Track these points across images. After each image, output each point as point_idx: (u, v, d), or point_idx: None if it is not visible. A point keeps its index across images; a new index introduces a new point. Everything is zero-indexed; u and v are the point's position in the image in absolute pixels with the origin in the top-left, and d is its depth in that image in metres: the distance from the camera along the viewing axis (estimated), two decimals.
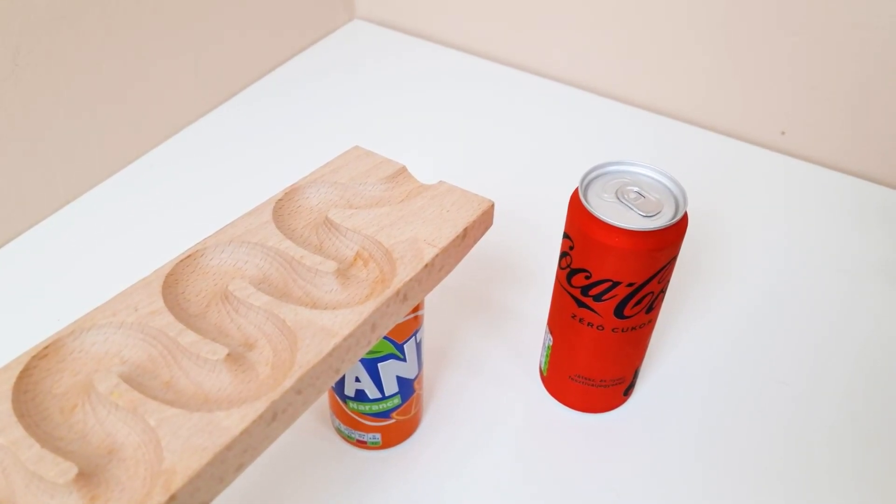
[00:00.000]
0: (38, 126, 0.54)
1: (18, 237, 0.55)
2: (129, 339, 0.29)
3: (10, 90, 0.51)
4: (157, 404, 0.26)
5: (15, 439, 0.25)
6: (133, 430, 0.26)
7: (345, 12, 0.81)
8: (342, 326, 0.30)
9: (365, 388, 0.39)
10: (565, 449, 0.43)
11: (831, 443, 0.44)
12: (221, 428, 0.26)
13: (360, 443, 0.42)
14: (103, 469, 0.25)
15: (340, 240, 0.35)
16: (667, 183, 0.38)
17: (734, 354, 0.48)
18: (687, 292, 0.52)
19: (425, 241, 0.34)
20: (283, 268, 0.33)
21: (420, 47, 0.78)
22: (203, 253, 0.33)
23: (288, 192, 0.36)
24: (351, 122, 0.67)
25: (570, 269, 0.39)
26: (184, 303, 0.31)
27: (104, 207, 0.58)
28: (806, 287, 0.53)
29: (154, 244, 0.54)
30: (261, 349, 0.30)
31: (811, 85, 0.62)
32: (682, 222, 0.37)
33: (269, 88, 0.71)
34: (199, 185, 0.60)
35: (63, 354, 0.28)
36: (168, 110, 0.64)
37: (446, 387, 0.46)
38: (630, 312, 0.39)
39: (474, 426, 0.44)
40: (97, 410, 0.27)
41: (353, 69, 0.75)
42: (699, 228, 0.57)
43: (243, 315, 0.31)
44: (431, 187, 0.38)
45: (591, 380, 0.43)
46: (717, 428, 0.44)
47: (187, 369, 0.28)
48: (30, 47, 0.51)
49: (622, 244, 0.36)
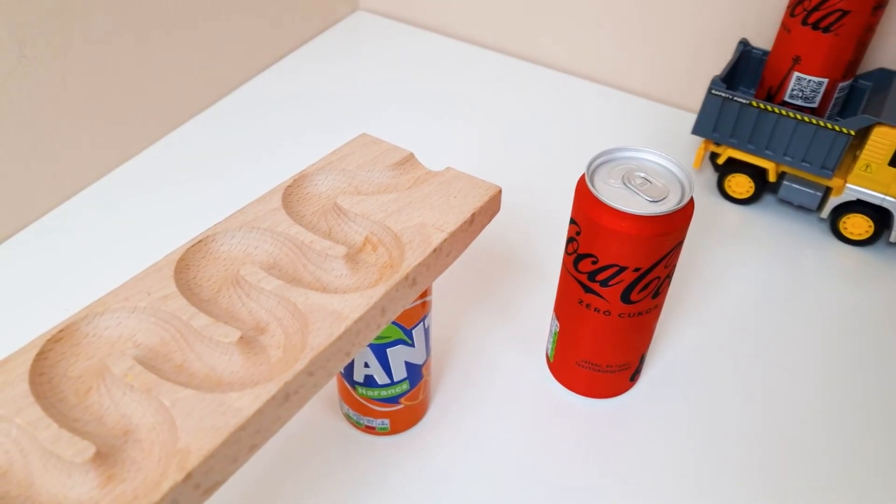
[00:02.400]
0: (45, 117, 0.54)
1: (26, 228, 0.55)
2: (142, 323, 0.29)
3: (17, 82, 0.51)
4: (171, 386, 0.26)
5: (33, 420, 0.25)
6: (147, 411, 0.26)
7: (348, 3, 0.81)
8: (352, 310, 0.30)
9: (374, 374, 0.39)
10: (572, 434, 0.43)
11: (837, 429, 0.44)
12: (234, 409, 0.26)
13: (369, 428, 0.42)
14: (119, 449, 0.25)
15: (349, 225, 0.35)
16: (673, 168, 0.38)
17: (740, 340, 0.49)
18: (693, 278, 0.53)
19: (433, 226, 0.34)
20: (292, 253, 0.33)
21: (422, 37, 0.78)
22: (214, 238, 0.33)
23: (297, 179, 0.37)
24: (355, 111, 0.68)
25: (577, 254, 0.39)
26: (195, 287, 0.31)
27: (112, 197, 0.58)
28: (811, 274, 0.53)
29: (163, 232, 0.55)
30: (272, 332, 0.30)
31: None
32: (689, 207, 0.37)
33: (274, 78, 0.72)
34: (206, 173, 0.60)
35: (77, 338, 0.29)
36: (174, 101, 0.64)
37: (454, 372, 0.46)
38: (636, 297, 0.39)
39: (482, 412, 0.44)
40: (112, 392, 0.27)
41: (357, 59, 0.75)
42: (705, 213, 0.58)
43: (254, 299, 0.31)
44: (439, 174, 0.38)
45: (597, 365, 0.43)
46: (723, 413, 0.44)
47: (200, 352, 0.29)
48: (35, 40, 0.51)
49: (629, 229, 0.36)
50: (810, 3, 0.46)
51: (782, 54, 0.50)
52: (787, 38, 0.49)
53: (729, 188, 0.56)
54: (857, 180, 0.51)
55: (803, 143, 0.51)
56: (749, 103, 0.50)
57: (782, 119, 0.50)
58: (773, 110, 0.50)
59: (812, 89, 0.50)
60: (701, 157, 0.56)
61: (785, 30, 0.49)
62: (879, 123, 0.48)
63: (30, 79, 0.52)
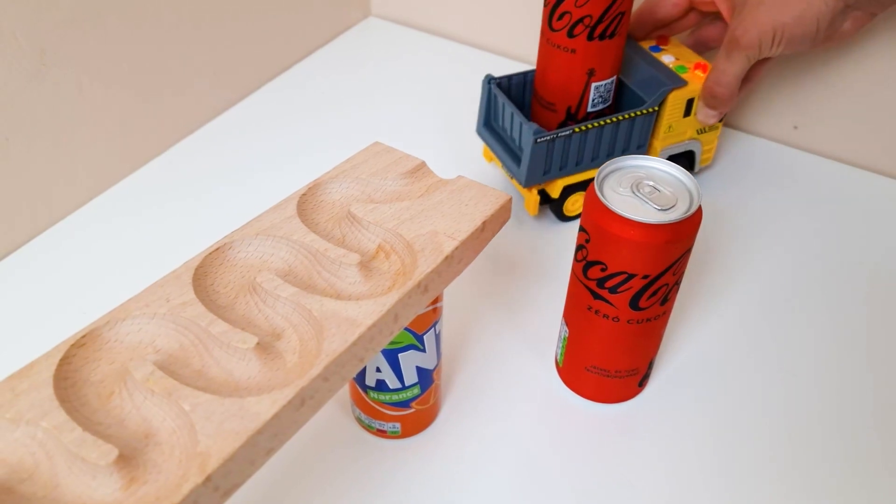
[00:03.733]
0: (63, 123, 0.55)
1: (43, 233, 0.56)
2: (162, 329, 0.30)
3: (37, 88, 0.52)
4: (190, 390, 0.27)
5: (58, 423, 0.26)
6: (168, 415, 0.27)
7: (359, 10, 0.82)
8: (366, 317, 0.31)
9: (385, 378, 0.40)
10: (581, 438, 0.44)
11: (847, 435, 0.44)
12: (252, 413, 0.27)
13: (380, 432, 0.43)
14: (141, 452, 0.26)
15: (363, 233, 0.36)
16: (681, 177, 0.39)
17: (748, 346, 0.49)
18: (701, 284, 0.53)
19: (445, 234, 0.35)
20: (307, 260, 0.34)
21: (434, 43, 0.79)
22: (231, 246, 0.34)
23: (311, 187, 0.37)
24: (367, 116, 0.68)
25: (586, 261, 0.40)
26: (213, 294, 0.32)
27: (127, 203, 0.59)
28: (819, 280, 0.54)
29: (178, 238, 0.56)
30: (288, 338, 0.31)
31: (823, 80, 0.63)
32: (697, 215, 0.37)
33: (286, 85, 0.72)
34: (219, 179, 0.61)
35: (99, 343, 0.29)
36: (188, 108, 0.65)
37: (464, 377, 0.47)
38: (645, 304, 0.39)
39: (491, 416, 0.45)
40: (133, 396, 0.28)
41: (369, 65, 0.75)
42: (713, 222, 0.58)
43: (270, 306, 0.32)
44: (450, 182, 0.39)
45: (606, 371, 0.43)
46: (732, 418, 0.45)
47: (218, 358, 0.30)
48: (55, 48, 0.52)
49: (637, 237, 0.37)
50: (590, 20, 0.47)
51: (573, 74, 0.50)
52: (574, 58, 0.49)
53: (569, 210, 0.56)
54: (665, 141, 0.56)
55: (623, 137, 0.54)
56: (573, 132, 0.51)
57: (604, 128, 0.52)
58: (596, 125, 0.51)
59: (607, 90, 0.52)
60: (536, 202, 0.54)
61: (568, 52, 0.49)
62: (672, 90, 0.53)
63: (48, 85, 0.53)
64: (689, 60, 0.56)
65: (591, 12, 0.47)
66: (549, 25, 0.49)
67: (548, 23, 0.49)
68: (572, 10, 0.47)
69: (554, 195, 0.55)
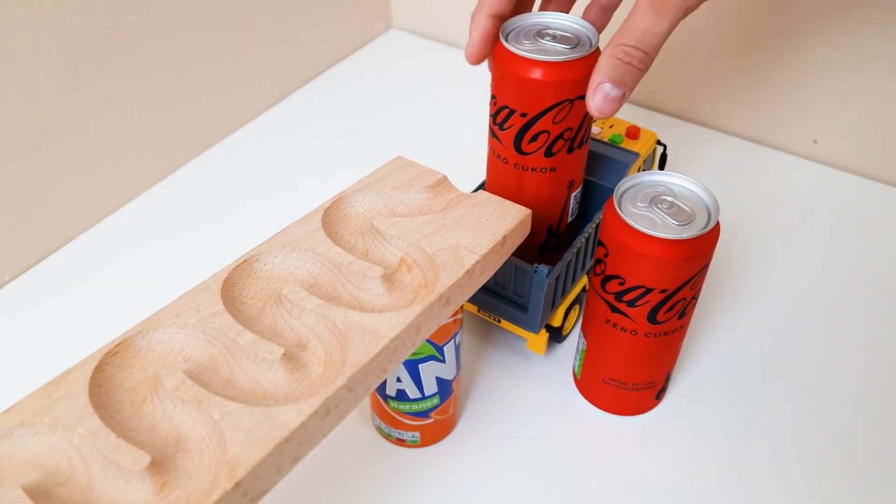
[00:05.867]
0: (94, 133, 0.56)
1: (72, 241, 0.58)
2: (192, 339, 0.31)
3: (69, 101, 0.54)
4: (220, 399, 0.28)
5: (93, 429, 0.27)
6: (198, 422, 0.28)
7: (381, 22, 0.83)
8: (389, 329, 0.31)
9: (406, 389, 0.40)
10: (598, 450, 0.44)
11: (869, 451, 0.44)
12: (280, 422, 0.28)
13: (400, 441, 0.44)
14: (171, 458, 0.27)
15: (385, 246, 0.37)
16: (699, 192, 0.39)
17: (766, 360, 0.49)
18: (719, 298, 0.53)
19: (466, 248, 0.36)
20: (332, 273, 0.35)
21: (456, 55, 0.80)
22: (258, 258, 0.35)
23: (336, 201, 0.38)
24: (388, 129, 0.69)
25: (605, 275, 0.40)
26: (240, 305, 0.33)
27: (155, 212, 0.61)
28: (837, 294, 0.54)
29: (205, 248, 0.57)
30: (313, 349, 0.32)
31: (843, 94, 0.63)
32: (715, 231, 0.38)
33: (309, 97, 0.74)
34: (245, 191, 0.63)
35: (132, 352, 0.30)
36: (213, 120, 0.67)
37: (483, 388, 0.47)
38: (663, 318, 0.40)
39: (509, 426, 0.45)
40: (165, 404, 0.29)
41: (391, 77, 0.77)
42: (731, 236, 0.58)
43: (296, 317, 0.33)
44: (471, 196, 0.39)
45: (623, 383, 0.44)
46: (749, 432, 0.45)
47: (246, 367, 0.30)
48: (86, 61, 0.54)
49: (656, 252, 0.37)
50: (571, 132, 0.41)
51: (554, 193, 0.44)
52: (554, 176, 0.43)
53: (566, 329, 0.50)
54: None
55: None
56: (574, 254, 0.46)
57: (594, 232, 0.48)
58: (584, 241, 0.47)
59: (580, 193, 0.47)
60: (545, 342, 0.47)
61: (546, 172, 0.43)
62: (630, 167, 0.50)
63: (80, 96, 0.54)
64: (618, 129, 0.52)
65: (571, 125, 0.41)
66: (516, 150, 0.42)
67: (515, 148, 0.42)
68: (549, 128, 0.41)
69: (556, 324, 0.48)
